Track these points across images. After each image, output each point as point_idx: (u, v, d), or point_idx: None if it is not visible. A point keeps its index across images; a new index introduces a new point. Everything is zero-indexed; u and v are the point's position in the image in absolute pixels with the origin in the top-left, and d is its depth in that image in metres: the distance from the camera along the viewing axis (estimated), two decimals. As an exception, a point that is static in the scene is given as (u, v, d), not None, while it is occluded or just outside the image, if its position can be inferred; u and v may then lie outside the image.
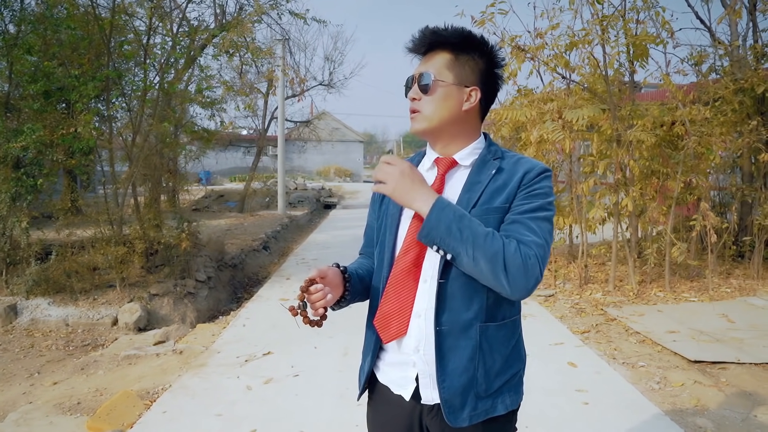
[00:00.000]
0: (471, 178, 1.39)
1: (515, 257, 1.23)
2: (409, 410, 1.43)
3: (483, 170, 1.39)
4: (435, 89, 1.37)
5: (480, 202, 1.34)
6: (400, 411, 1.45)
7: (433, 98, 1.38)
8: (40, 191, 6.44)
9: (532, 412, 3.34)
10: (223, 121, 12.09)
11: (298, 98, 18.20)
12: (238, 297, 7.58)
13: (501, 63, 1.43)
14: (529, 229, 1.29)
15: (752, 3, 7.12)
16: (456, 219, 1.26)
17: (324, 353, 4.53)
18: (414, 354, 1.39)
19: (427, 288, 1.37)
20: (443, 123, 1.39)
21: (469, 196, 1.35)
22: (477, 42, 1.39)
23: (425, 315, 1.36)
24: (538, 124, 6.49)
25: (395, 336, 1.39)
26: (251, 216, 14.29)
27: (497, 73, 1.44)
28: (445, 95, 1.37)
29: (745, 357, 4.30)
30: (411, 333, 1.38)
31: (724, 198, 7.78)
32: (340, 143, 37.37)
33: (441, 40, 1.39)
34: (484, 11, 6.47)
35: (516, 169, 1.37)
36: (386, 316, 1.40)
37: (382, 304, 1.41)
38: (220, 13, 10.66)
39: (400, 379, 1.43)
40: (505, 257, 1.23)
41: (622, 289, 6.45)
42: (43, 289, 5.93)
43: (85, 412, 3.60)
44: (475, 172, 1.39)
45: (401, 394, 1.43)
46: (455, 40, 1.38)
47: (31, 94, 6.40)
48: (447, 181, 1.41)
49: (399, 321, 1.38)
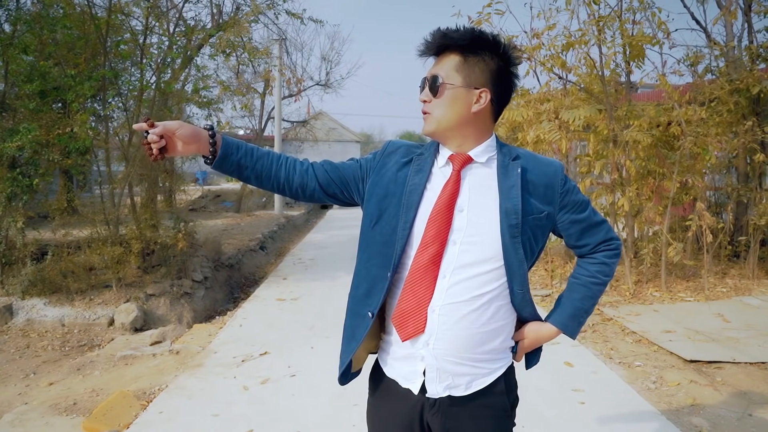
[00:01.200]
0: (502, 184, 1.41)
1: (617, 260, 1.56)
2: (412, 405, 1.44)
3: (509, 174, 1.42)
4: (443, 92, 1.39)
5: (525, 210, 1.40)
6: (404, 406, 1.45)
7: (442, 101, 1.40)
8: (36, 191, 6.42)
9: (528, 411, 3.34)
10: (219, 121, 12.07)
11: (295, 98, 18.22)
12: (234, 297, 7.57)
13: (515, 62, 1.44)
14: (594, 225, 1.52)
15: (747, 4, 7.15)
16: (583, 315, 1.55)
17: (321, 353, 4.53)
18: (423, 348, 1.40)
19: (445, 284, 1.38)
20: (453, 125, 1.41)
21: (513, 204, 1.39)
22: (488, 42, 1.40)
23: (439, 310, 1.38)
24: (535, 125, 6.51)
25: (413, 334, 1.40)
26: (248, 216, 14.28)
27: (512, 72, 1.44)
28: (453, 98, 1.39)
29: (741, 356, 4.31)
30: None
31: (720, 198, 7.80)
32: (337, 143, 37.18)
33: (450, 42, 1.40)
34: (481, 11, 6.49)
35: (542, 170, 1.46)
36: (404, 313, 1.41)
37: (400, 302, 1.41)
38: (217, 13, 10.65)
39: (408, 373, 1.44)
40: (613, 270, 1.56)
41: (618, 289, 6.46)
42: (39, 290, 5.91)
43: (81, 413, 3.59)
44: (502, 177, 1.42)
45: (410, 388, 1.44)
46: (464, 42, 1.39)
47: (26, 93, 6.37)
48: (463, 177, 1.43)
49: (416, 318, 1.39)
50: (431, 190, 1.43)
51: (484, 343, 1.41)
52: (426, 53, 1.45)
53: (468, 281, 1.38)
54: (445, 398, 1.41)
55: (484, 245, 1.39)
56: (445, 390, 1.41)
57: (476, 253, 1.39)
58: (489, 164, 1.45)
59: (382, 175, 1.48)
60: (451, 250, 1.38)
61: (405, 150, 1.51)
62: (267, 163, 1.47)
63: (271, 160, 1.48)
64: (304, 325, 5.28)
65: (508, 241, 1.38)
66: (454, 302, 1.38)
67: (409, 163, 1.47)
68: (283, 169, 1.49)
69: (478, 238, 1.39)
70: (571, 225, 1.49)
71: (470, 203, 1.41)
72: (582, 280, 1.54)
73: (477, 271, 1.38)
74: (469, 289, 1.38)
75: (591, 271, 1.53)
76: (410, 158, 1.48)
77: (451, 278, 1.38)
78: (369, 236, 1.48)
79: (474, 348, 1.41)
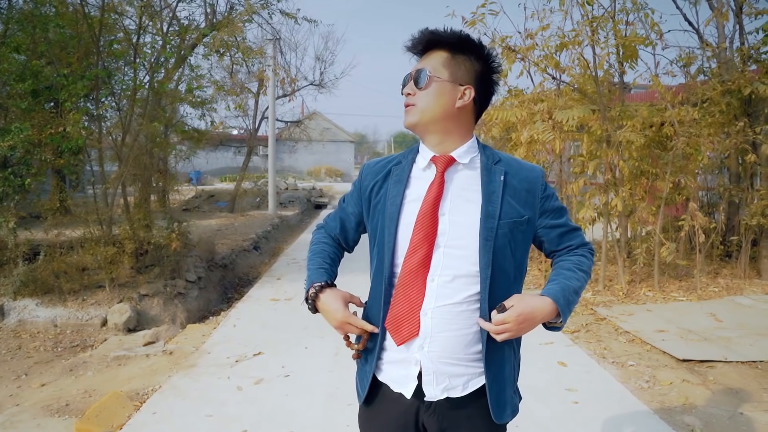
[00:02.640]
0: (485, 188, 1.41)
1: (592, 263, 1.57)
2: (405, 408, 1.44)
3: (493, 177, 1.43)
4: (430, 84, 1.41)
5: (503, 213, 1.40)
6: (396, 409, 1.45)
7: (428, 92, 1.41)
8: (28, 191, 6.37)
9: (521, 411, 3.34)
10: (213, 121, 12.06)
11: (289, 98, 18.14)
12: (228, 297, 7.55)
13: (497, 69, 1.47)
14: (572, 230, 1.55)
15: (738, 6, 7.19)
16: (573, 295, 1.45)
17: (314, 354, 4.53)
18: (418, 351, 1.40)
19: (434, 287, 1.39)
20: (436, 117, 1.42)
21: (493, 208, 1.40)
22: (474, 45, 1.43)
23: (431, 313, 1.39)
24: (529, 125, 6.53)
25: (408, 338, 1.40)
26: (242, 216, 14.24)
27: (493, 78, 1.48)
28: (439, 90, 1.41)
29: (732, 355, 4.34)
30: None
31: (712, 198, 7.85)
32: (331, 143, 37.30)
33: (439, 40, 1.43)
34: (475, 12, 6.50)
35: (524, 175, 1.46)
36: (397, 318, 1.41)
37: (393, 306, 1.42)
38: (211, 13, 10.60)
39: (401, 377, 1.44)
40: (591, 268, 1.56)
41: (611, 289, 6.49)
42: (31, 290, 5.87)
43: (74, 414, 3.57)
44: (485, 181, 1.42)
45: (402, 392, 1.43)
46: (453, 40, 1.42)
47: (18, 92, 6.31)
48: (447, 179, 1.43)
49: (410, 322, 1.40)
50: (411, 196, 1.44)
51: (476, 343, 1.42)
52: (413, 49, 1.47)
53: (455, 283, 1.39)
54: (442, 401, 1.41)
55: (467, 249, 1.39)
56: (443, 392, 1.41)
57: (459, 256, 1.39)
58: (471, 166, 1.46)
59: (368, 199, 1.53)
60: (437, 254, 1.40)
61: (381, 166, 1.54)
62: (338, 255, 1.65)
63: (336, 253, 1.64)
64: (298, 325, 5.28)
65: (487, 245, 1.38)
66: (445, 304, 1.39)
67: (387, 176, 1.50)
68: (340, 250, 1.67)
69: (461, 241, 1.40)
70: (551, 230, 1.51)
71: (452, 207, 1.42)
72: (566, 265, 1.51)
73: (462, 273, 1.39)
74: (457, 291, 1.39)
75: (574, 260, 1.52)
76: (388, 170, 1.51)
77: (439, 281, 1.39)
78: (371, 257, 1.52)
79: (467, 348, 1.41)
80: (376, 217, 1.49)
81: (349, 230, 1.63)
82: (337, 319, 1.43)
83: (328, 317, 1.46)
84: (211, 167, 27.86)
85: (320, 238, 1.65)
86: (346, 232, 1.64)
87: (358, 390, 1.54)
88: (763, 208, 6.41)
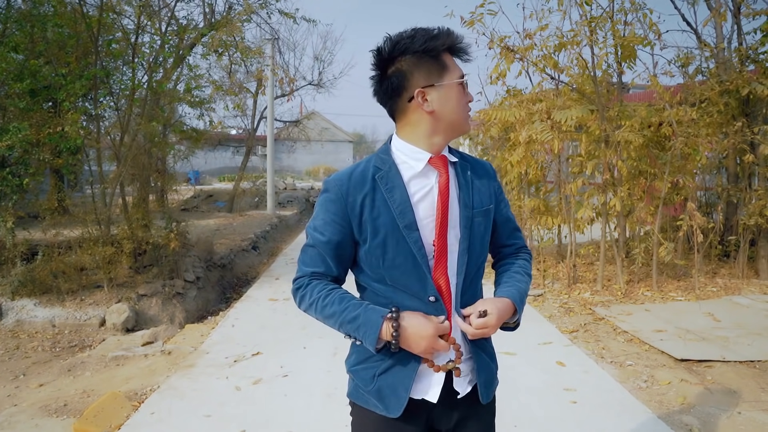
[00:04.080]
0: (459, 180, 1.46)
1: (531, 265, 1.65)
2: (419, 412, 1.45)
3: (463, 171, 1.48)
4: None
5: (474, 203, 1.46)
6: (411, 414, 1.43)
7: None
8: (26, 191, 6.37)
9: (520, 410, 3.36)
10: (212, 121, 12.06)
11: (288, 98, 18.14)
12: (227, 297, 7.54)
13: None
14: (518, 229, 1.66)
15: (736, 6, 7.20)
16: (524, 297, 1.51)
17: (313, 354, 4.53)
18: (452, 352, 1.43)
19: (452, 288, 1.43)
20: None
21: (465, 198, 1.45)
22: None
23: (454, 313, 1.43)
24: (527, 125, 6.53)
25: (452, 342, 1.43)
26: (240, 216, 14.23)
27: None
28: None
29: (731, 355, 4.35)
30: None
31: (710, 198, 7.86)
32: (329, 143, 37.26)
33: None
34: (474, 12, 6.50)
35: (483, 168, 1.55)
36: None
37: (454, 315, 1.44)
38: (209, 12, 10.60)
39: (427, 383, 1.43)
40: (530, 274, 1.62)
41: (610, 289, 6.50)
42: (29, 290, 5.86)
43: (72, 414, 3.56)
44: (460, 173, 1.47)
45: (425, 398, 1.42)
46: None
47: (17, 92, 6.31)
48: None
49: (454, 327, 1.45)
50: (416, 199, 1.39)
51: None
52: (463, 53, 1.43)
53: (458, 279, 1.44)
54: (466, 396, 1.46)
55: (462, 243, 1.44)
56: (470, 384, 1.46)
57: (459, 251, 1.43)
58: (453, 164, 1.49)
59: (359, 215, 1.39)
60: (454, 255, 1.43)
61: (359, 179, 1.40)
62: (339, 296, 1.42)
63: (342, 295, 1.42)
64: (297, 325, 5.27)
65: (465, 234, 1.43)
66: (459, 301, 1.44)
67: (375, 189, 1.39)
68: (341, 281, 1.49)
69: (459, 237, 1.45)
70: (505, 222, 1.60)
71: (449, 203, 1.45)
72: (514, 268, 1.59)
73: (461, 267, 1.44)
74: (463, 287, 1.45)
75: (520, 264, 1.60)
76: (372, 180, 1.40)
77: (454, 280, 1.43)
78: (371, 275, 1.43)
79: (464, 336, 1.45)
80: (381, 232, 1.38)
81: (345, 262, 1.45)
82: (430, 335, 1.32)
83: (416, 339, 1.33)
84: (209, 167, 27.86)
85: (322, 289, 1.42)
86: (343, 264, 1.46)
87: (382, 403, 1.44)
88: (761, 208, 6.42)
